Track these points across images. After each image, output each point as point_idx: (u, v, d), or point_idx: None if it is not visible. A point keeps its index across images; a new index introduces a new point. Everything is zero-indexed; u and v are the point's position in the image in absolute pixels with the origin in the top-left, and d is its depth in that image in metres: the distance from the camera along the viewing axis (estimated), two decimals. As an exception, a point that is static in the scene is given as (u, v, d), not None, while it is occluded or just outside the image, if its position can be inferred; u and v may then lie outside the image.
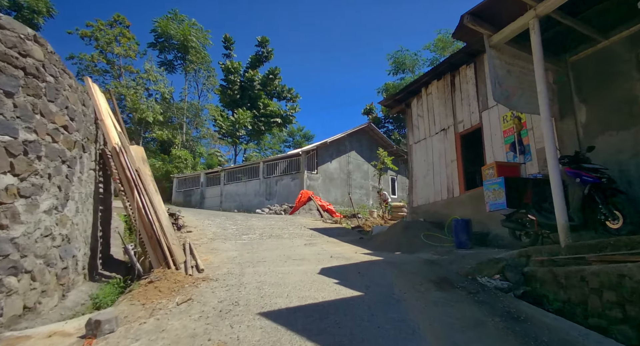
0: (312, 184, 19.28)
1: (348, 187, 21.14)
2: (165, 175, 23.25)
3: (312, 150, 19.74)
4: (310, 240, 8.77)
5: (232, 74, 29.05)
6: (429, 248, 7.20)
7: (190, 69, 27.44)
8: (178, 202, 22.40)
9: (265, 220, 12.41)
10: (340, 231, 10.55)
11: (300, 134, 46.69)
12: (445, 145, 8.85)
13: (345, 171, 21.26)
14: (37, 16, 27.88)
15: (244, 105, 29.68)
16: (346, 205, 20.51)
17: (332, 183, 20.44)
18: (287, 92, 31.85)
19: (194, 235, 9.08)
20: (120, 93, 22.94)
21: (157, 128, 24.97)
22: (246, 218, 12.86)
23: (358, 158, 22.06)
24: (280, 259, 6.47)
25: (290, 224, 11.69)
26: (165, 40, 27.66)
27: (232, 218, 12.69)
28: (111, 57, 25.20)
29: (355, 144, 22.07)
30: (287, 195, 19.29)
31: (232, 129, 27.56)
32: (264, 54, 30.94)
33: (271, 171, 20.45)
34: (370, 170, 22.47)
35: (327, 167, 20.37)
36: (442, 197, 8.75)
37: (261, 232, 9.76)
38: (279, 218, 13.46)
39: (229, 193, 21.31)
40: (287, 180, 19.58)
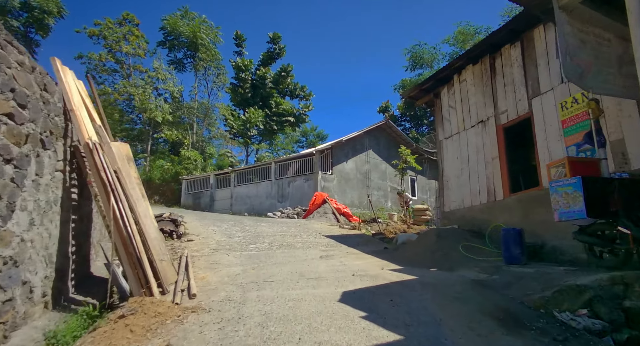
0: (326, 185, 18.14)
1: (365, 188, 19.91)
2: (174, 177, 22.49)
3: (326, 149, 18.59)
4: (326, 251, 7.60)
5: (243, 71, 28.17)
6: (471, 263, 5.95)
7: (200, 66, 26.64)
8: (187, 204, 21.58)
9: (277, 226, 11.32)
10: (360, 239, 9.35)
11: (313, 134, 45.63)
12: (483, 139, 7.56)
13: (362, 171, 20.04)
14: (47, 16, 27.64)
15: (256, 104, 28.76)
16: (364, 208, 19.29)
17: (348, 184, 19.25)
18: (300, 90, 30.80)
19: (194, 244, 8.03)
20: (129, 92, 22.31)
21: (166, 129, 24.26)
22: (256, 223, 11.80)
23: (375, 158, 20.80)
24: (292, 278, 5.33)
25: (304, 230, 10.56)
26: (175, 38, 26.97)
27: (241, 223, 11.65)
28: (120, 56, 24.64)
29: (373, 143, 20.81)
30: (300, 198, 18.20)
31: (244, 129, 26.65)
32: (276, 51, 29.97)
33: (283, 172, 19.40)
34: (388, 170, 21.19)
35: (342, 167, 19.19)
36: (481, 201, 7.46)
37: (271, 241, 8.64)
38: (291, 223, 12.35)
39: (240, 196, 20.35)
40: (300, 182, 18.50)
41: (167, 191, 22.46)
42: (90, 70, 24.60)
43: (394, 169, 21.59)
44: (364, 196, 19.73)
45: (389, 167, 21.27)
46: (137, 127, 28.01)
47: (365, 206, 19.51)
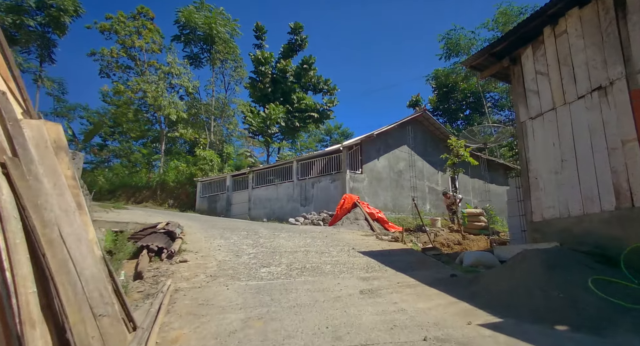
0: (355, 186, 15.82)
1: (400, 189, 17.43)
2: (189, 179, 20.83)
3: (355, 145, 16.26)
4: (368, 280, 5.31)
5: (263, 65, 26.26)
6: (621, 314, 3.51)
7: (216, 60, 24.92)
8: (202, 209, 19.81)
9: (298, 237, 9.12)
10: (410, 257, 6.98)
11: (337, 132, 43.39)
12: (604, 115, 5.04)
13: (395, 170, 17.57)
14: (63, 14, 26.80)
15: (276, 99, 26.81)
16: (399, 212, 16.84)
17: (381, 184, 16.84)
18: (323, 84, 28.61)
19: (188, 268, 5.94)
20: (143, 89, 20.87)
21: (181, 127, 22.69)
22: (273, 233, 9.65)
23: (411, 154, 18.27)
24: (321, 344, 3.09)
25: (333, 243, 8.30)
26: (191, 32, 25.42)
27: (255, 233, 9.53)
28: (133, 52, 23.33)
29: (407, 137, 18.28)
30: (326, 200, 15.98)
31: (263, 126, 24.72)
32: (298, 42, 27.92)
33: (307, 172, 17.23)
34: (425, 168, 18.62)
35: (373, 165, 16.80)
36: (603, 207, 4.95)
37: (290, 261, 6.44)
38: (316, 233, 10.11)
39: (259, 199, 18.35)
40: (326, 182, 16.27)
41: (181, 194, 20.83)
42: (103, 68, 23.40)
43: (432, 167, 19.01)
44: (399, 198, 17.28)
45: (426, 164, 18.70)
46: (154, 128, 26.72)
47: (401, 209, 17.05)
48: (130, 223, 9.14)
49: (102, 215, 10.07)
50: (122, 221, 9.17)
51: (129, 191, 21.74)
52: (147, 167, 23.11)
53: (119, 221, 9.13)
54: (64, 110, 37.39)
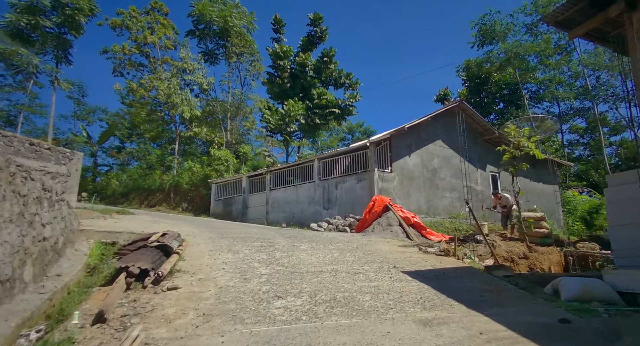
0: (384, 187, 14.01)
1: (434, 189, 15.47)
2: (204, 181, 19.54)
3: (383, 141, 14.44)
4: (432, 327, 3.55)
5: (281, 59, 24.76)
6: None
7: (232, 53, 23.57)
8: (217, 212, 18.44)
9: (323, 249, 7.44)
10: (474, 281, 5.15)
11: (360, 130, 41.49)
12: None
13: (429, 167, 15.63)
14: (79, 13, 26.21)
15: (295, 95, 25.25)
16: (434, 215, 14.92)
17: (413, 184, 14.94)
18: (345, 78, 26.86)
19: (176, 299, 4.35)
20: (157, 87, 19.79)
21: (195, 125, 21.49)
22: (292, 244, 8.01)
23: (446, 150, 16.29)
24: None
25: (367, 258, 6.57)
26: (206, 27, 24.24)
27: (271, 244, 7.91)
28: (146, 48, 22.34)
29: (442, 131, 16.33)
30: (351, 203, 14.26)
31: (282, 124, 23.20)
32: (317, 34, 26.30)
33: (329, 171, 15.54)
34: (463, 165, 16.53)
35: (404, 162, 14.93)
36: None
37: (315, 288, 4.76)
38: (344, 243, 8.40)
39: (277, 201, 16.79)
40: (351, 182, 14.53)
41: (195, 197, 19.57)
42: (117, 66, 22.51)
43: (470, 164, 16.93)
44: (433, 199, 15.33)
45: (463, 161, 16.60)
46: (170, 128, 25.71)
47: (436, 212, 15.10)
48: (124, 233, 7.73)
49: (95, 223, 8.72)
50: (116, 230, 7.76)
51: (142, 194, 20.70)
52: (161, 168, 22.07)
53: (111, 230, 7.72)
54: (83, 113, 37.25)
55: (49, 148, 10.31)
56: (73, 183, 10.91)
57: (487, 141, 17.26)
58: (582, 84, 26.61)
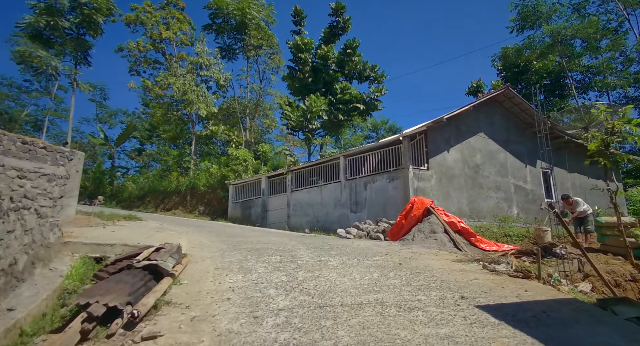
0: (421, 187, 12.28)
1: (478, 188, 13.58)
2: (221, 182, 18.34)
3: (419, 134, 12.71)
4: None
5: (302, 52, 23.33)
6: None
7: (250, 46, 22.29)
8: (235, 216, 17.16)
9: (358, 266, 5.87)
10: (609, 331, 3.41)
11: (384, 127, 39.58)
12: None
13: (470, 164, 13.75)
14: (96, 13, 25.73)
15: (317, 90, 23.78)
16: (477, 218, 13.03)
17: (452, 183, 13.12)
18: (370, 71, 25.15)
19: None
20: (173, 84, 18.81)
21: (212, 123, 20.37)
22: (318, 258, 6.48)
23: (489, 144, 14.35)
24: None
25: (418, 281, 4.96)
26: (223, 21, 23.14)
27: (292, 258, 6.42)
28: (161, 44, 21.43)
29: (485, 122, 14.41)
30: (382, 205, 12.62)
31: (303, 120, 21.75)
32: (340, 25, 24.73)
33: (357, 169, 13.94)
34: (509, 162, 14.57)
35: (442, 158, 13.14)
36: None
37: (356, 342, 3.18)
38: (381, 256, 6.80)
39: (299, 204, 15.32)
40: (382, 182, 12.88)
41: (213, 199, 18.40)
42: (132, 64, 21.72)
43: (518, 159, 14.89)
44: (476, 200, 13.44)
45: (509, 156, 14.64)
46: (185, 129, 24.73)
47: (480, 215, 13.20)
48: (116, 246, 6.44)
49: (87, 233, 7.49)
50: (107, 242, 6.47)
51: (158, 197, 19.77)
52: (177, 170, 21.12)
53: (102, 242, 6.44)
54: (105, 115, 37.20)
55: (45, 147, 9.19)
56: (73, 186, 9.79)
57: (536, 133, 15.13)
58: (637, 70, 23.79)
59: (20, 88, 33.52)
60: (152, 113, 22.48)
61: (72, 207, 9.77)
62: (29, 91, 34.16)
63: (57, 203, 9.97)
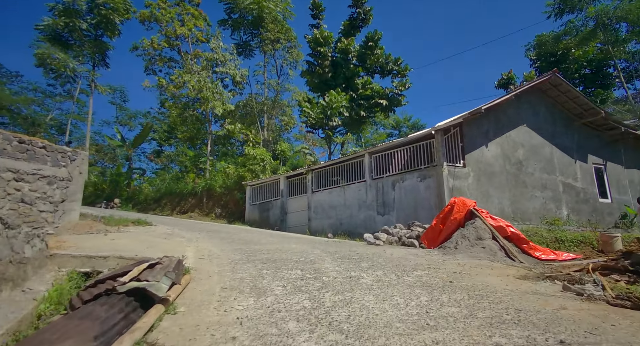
0: (457, 185, 10.96)
1: (521, 186, 12.10)
2: (238, 183, 17.48)
3: (453, 127, 11.39)
4: None
5: (321, 46, 22.25)
6: None
7: (266, 39, 21.35)
8: (252, 219, 16.22)
9: (398, 285, 4.70)
10: None
11: (407, 125, 38.00)
12: None
13: (512, 160, 12.29)
14: (113, 13, 25.49)
15: (338, 86, 22.64)
16: (521, 220, 11.56)
17: (492, 182, 11.71)
18: (393, 64, 23.81)
19: None
20: (185, 81, 18.14)
21: (228, 122, 19.57)
22: (348, 273, 5.35)
23: (533, 137, 12.83)
24: None
25: (484, 311, 3.75)
26: (240, 16, 22.34)
27: (316, 274, 5.31)
28: (176, 41, 20.82)
29: (528, 113, 12.90)
30: (413, 207, 11.38)
31: (323, 117, 20.66)
32: (360, 16, 23.51)
33: (383, 168, 12.72)
34: (556, 157, 13.01)
35: (480, 154, 11.75)
36: None
37: None
38: (424, 271, 5.59)
39: (320, 206, 14.21)
40: (412, 181, 11.62)
41: (230, 202, 17.56)
42: (148, 64, 21.22)
43: (566, 154, 13.29)
44: (520, 200, 11.98)
45: (556, 151, 13.07)
46: (205, 129, 24.08)
47: (525, 217, 11.73)
48: (110, 259, 5.50)
49: (82, 242, 6.62)
50: (100, 255, 5.54)
51: (174, 199, 19.12)
52: (194, 171, 20.46)
53: (94, 255, 5.52)
54: (125, 118, 37.27)
55: (45, 147, 8.47)
56: (76, 189, 9.02)
57: (587, 125, 13.49)
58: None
59: (45, 92, 33.94)
60: (169, 114, 21.94)
61: (76, 211, 9.00)
62: (52, 95, 34.55)
63: (58, 207, 9.26)
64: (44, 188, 8.39)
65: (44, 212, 8.35)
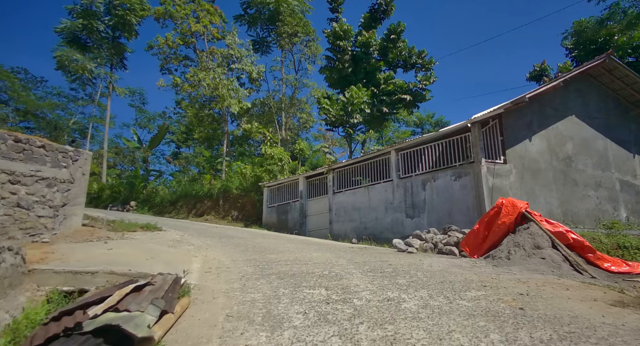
0: (497, 184, 9.71)
1: (571, 184, 10.70)
2: (255, 184, 16.65)
3: (492, 118, 10.14)
4: None
5: (341, 39, 21.22)
6: None
7: (284, 33, 20.46)
8: (270, 222, 15.32)
9: (451, 311, 3.61)
10: None
11: (430, 122, 36.42)
12: None
13: (560, 155, 10.90)
14: (130, 13, 25.28)
15: (358, 81, 21.57)
16: (573, 223, 10.16)
17: (538, 180, 10.37)
18: (416, 57, 22.51)
19: None
20: (200, 78, 17.51)
21: (245, 120, 18.82)
22: (384, 293, 4.29)
23: (583, 129, 11.38)
24: None
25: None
26: (257, 11, 21.59)
27: (344, 295, 4.27)
28: (191, 39, 20.26)
29: (577, 102, 11.46)
30: (447, 209, 10.19)
31: (344, 114, 19.61)
32: (381, 8, 22.36)
33: (412, 166, 11.56)
34: (611, 151, 11.50)
35: (523, 149, 10.43)
36: None
37: None
38: (480, 291, 4.47)
39: (343, 207, 13.16)
40: (446, 180, 10.42)
41: (246, 203, 16.75)
42: (163, 63, 20.76)
43: (623, 148, 11.75)
44: (570, 200, 10.58)
45: (611, 144, 11.55)
46: (222, 129, 23.44)
47: (577, 219, 10.32)
48: (99, 274, 4.65)
49: (76, 252, 5.81)
50: (88, 270, 4.68)
51: (190, 202, 18.50)
52: (210, 172, 19.81)
53: (80, 270, 4.66)
54: (144, 120, 37.32)
55: (44, 146, 7.78)
56: (79, 192, 8.31)
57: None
58: None
59: (68, 97, 34.34)
60: (185, 114, 21.44)
61: (78, 216, 8.29)
62: (75, 99, 34.95)
63: (58, 212, 8.58)
64: (43, 191, 7.70)
65: (42, 217, 7.65)
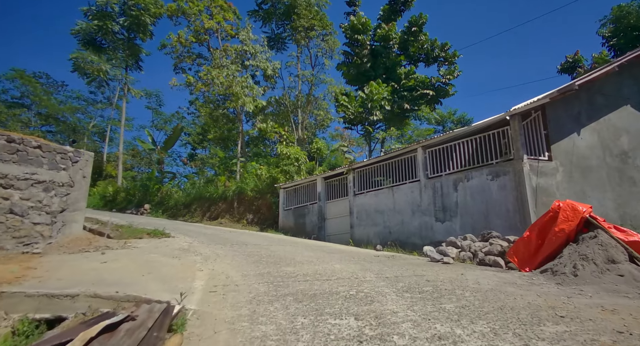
0: (542, 184, 8.56)
1: (629, 183, 9.42)
2: (271, 186, 15.86)
3: (534, 110, 8.98)
4: None
5: (359, 33, 20.24)
6: None
7: (300, 27, 19.64)
8: (287, 226, 14.47)
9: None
10: None
11: (452, 119, 34.93)
12: None
13: (614, 151, 9.63)
14: (144, 13, 25.01)
15: (378, 77, 20.53)
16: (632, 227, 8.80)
17: (588, 178, 9.13)
18: (439, 51, 21.29)
19: None
20: (213, 76, 16.89)
21: (259, 119, 18.10)
22: (431, 324, 3.31)
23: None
24: None
25: None
26: (272, 6, 20.87)
27: (378, 323, 3.30)
28: (204, 36, 19.72)
29: (632, 90, 10.17)
30: (483, 211, 9.10)
31: (363, 111, 18.61)
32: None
33: (441, 164, 10.48)
34: (673, 145, 10.07)
35: (570, 144, 9.21)
36: None
37: None
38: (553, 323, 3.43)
39: (365, 210, 12.16)
40: (481, 180, 9.32)
41: (262, 206, 15.98)
42: (177, 62, 20.29)
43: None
44: (629, 201, 9.30)
45: (672, 138, 10.13)
46: (238, 133, 22.84)
47: (637, 222, 9.00)
48: (80, 298, 3.82)
49: (64, 266, 5.07)
50: (66, 293, 3.88)
51: (204, 204, 17.89)
52: (225, 173, 19.19)
53: (57, 293, 3.86)
54: (161, 122, 37.24)
55: (40, 147, 7.13)
56: (78, 196, 7.64)
57: None
58: None
59: (87, 100, 34.59)
60: (200, 114, 20.93)
61: (78, 222, 7.61)
62: (94, 103, 35.19)
63: (56, 218, 7.92)
64: (39, 195, 7.04)
65: (38, 224, 6.98)
